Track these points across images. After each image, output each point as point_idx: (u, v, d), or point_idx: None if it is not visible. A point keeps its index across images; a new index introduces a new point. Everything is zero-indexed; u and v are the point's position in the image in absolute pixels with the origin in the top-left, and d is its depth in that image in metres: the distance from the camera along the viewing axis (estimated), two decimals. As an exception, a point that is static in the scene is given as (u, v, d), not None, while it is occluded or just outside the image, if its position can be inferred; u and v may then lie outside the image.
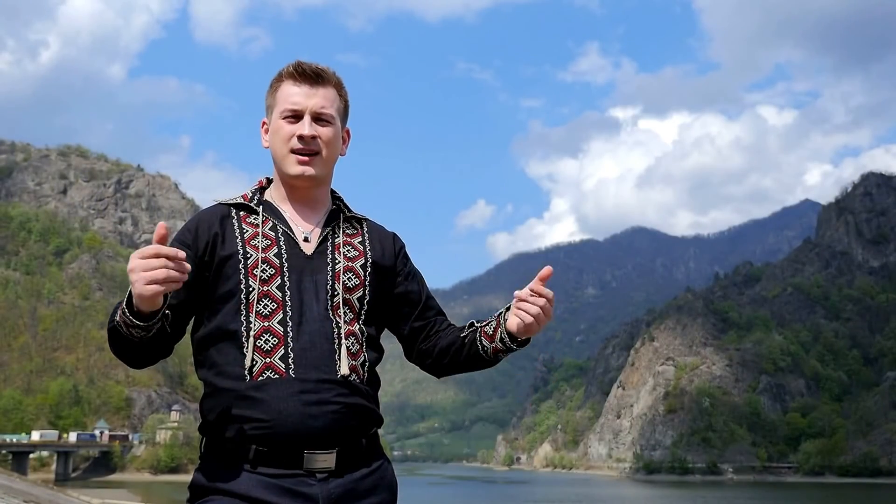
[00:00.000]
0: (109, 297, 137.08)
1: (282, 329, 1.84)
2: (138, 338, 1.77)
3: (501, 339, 1.93)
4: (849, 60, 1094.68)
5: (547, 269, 1.87)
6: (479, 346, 1.98)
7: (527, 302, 1.86)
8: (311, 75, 1.95)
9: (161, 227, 1.67)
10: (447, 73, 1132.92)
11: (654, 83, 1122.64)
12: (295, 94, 1.94)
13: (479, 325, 2.01)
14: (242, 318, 1.85)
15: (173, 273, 1.65)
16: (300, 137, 1.92)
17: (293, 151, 1.93)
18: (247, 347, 1.83)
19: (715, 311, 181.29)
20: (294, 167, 1.93)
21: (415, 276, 2.12)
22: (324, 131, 1.94)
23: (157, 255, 1.64)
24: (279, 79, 1.98)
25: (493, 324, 1.96)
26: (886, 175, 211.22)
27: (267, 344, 1.83)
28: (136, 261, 1.65)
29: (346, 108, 2.04)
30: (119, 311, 1.76)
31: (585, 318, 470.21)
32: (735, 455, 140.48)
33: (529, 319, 1.86)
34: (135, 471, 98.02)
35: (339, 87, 2.00)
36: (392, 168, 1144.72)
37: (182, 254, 1.67)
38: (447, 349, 2.03)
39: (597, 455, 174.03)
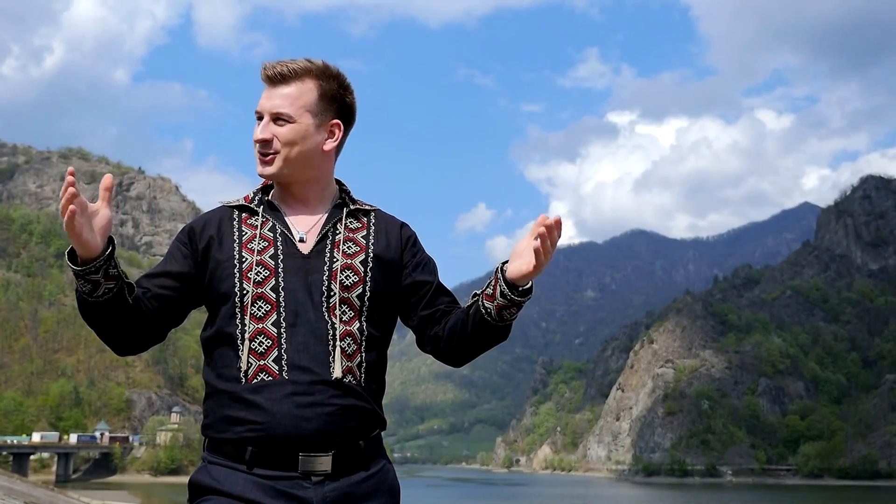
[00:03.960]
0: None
1: (275, 330, 1.83)
2: (89, 294, 1.76)
3: (502, 294, 1.82)
4: (845, 65, 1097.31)
5: (554, 218, 1.76)
6: (483, 311, 1.87)
7: (530, 246, 1.75)
8: (271, 77, 1.93)
9: (69, 170, 1.74)
10: (448, 78, 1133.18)
11: (652, 88, 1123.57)
12: (262, 97, 1.95)
13: (480, 291, 1.91)
14: (237, 320, 1.85)
15: (72, 193, 1.71)
16: (255, 141, 1.94)
17: (257, 152, 1.95)
18: (242, 350, 1.83)
19: (714, 313, 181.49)
20: (257, 167, 1.95)
21: (426, 265, 2.05)
22: (280, 131, 1.90)
23: (68, 185, 1.71)
24: None
25: (492, 282, 1.87)
26: (885, 178, 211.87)
27: (261, 346, 1.82)
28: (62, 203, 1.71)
29: (329, 100, 1.96)
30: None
31: (585, 320, 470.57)
32: (734, 457, 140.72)
33: (529, 260, 1.77)
34: (135, 472, 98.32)
35: (315, 79, 1.94)
36: (393, 171, 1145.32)
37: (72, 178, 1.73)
38: (455, 327, 1.95)
39: (596, 457, 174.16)
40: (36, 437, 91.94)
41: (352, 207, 2.02)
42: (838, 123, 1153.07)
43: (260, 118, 1.94)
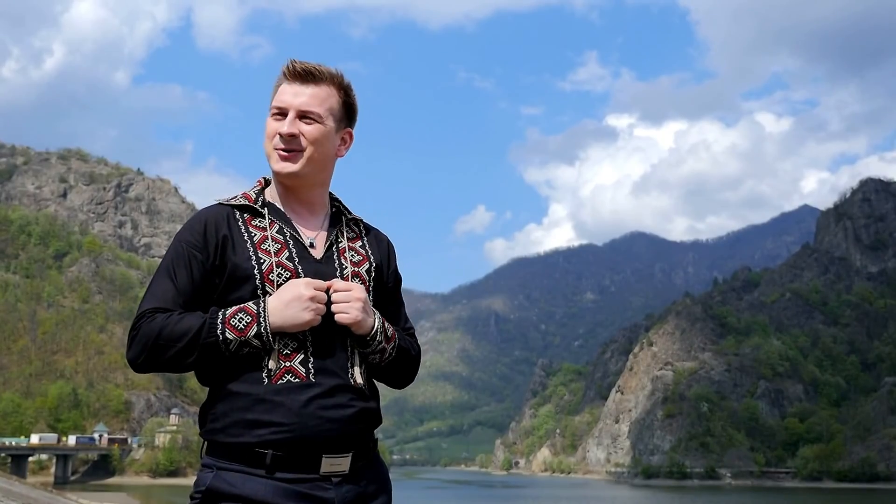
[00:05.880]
0: (109, 300, 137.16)
1: (301, 333, 1.84)
2: (234, 351, 1.82)
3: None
4: (844, 68, 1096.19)
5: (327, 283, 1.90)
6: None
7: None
8: (300, 74, 1.93)
9: (329, 285, 1.87)
10: (448, 81, 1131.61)
11: (651, 91, 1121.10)
12: (284, 93, 1.94)
13: None
14: None
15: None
16: (280, 135, 1.91)
17: (276, 149, 1.93)
18: (266, 350, 1.82)
19: (713, 316, 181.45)
20: (276, 163, 1.93)
21: (397, 287, 2.12)
22: (308, 129, 1.91)
23: (326, 290, 1.84)
24: (278, 78, 1.99)
25: None
26: (885, 181, 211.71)
27: (287, 348, 1.83)
28: (312, 290, 1.81)
29: (346, 108, 2.00)
30: (250, 331, 1.80)
31: (584, 322, 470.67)
32: (733, 460, 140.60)
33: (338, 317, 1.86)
34: (133, 474, 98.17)
35: (337, 87, 1.97)
36: (393, 173, 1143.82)
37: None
38: None
39: (595, 459, 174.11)
40: (34, 439, 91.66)
41: (349, 217, 2.06)
42: (837, 127, 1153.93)
43: (282, 113, 1.93)
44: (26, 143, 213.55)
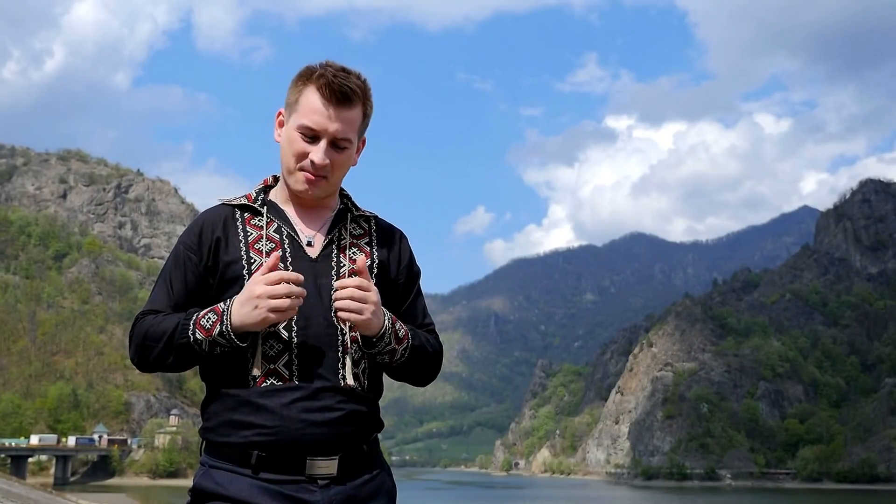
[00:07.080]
0: (108, 301, 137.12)
1: (287, 334, 1.82)
2: (207, 349, 1.80)
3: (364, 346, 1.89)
4: (842, 69, 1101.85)
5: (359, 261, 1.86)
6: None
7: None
8: (339, 97, 1.84)
9: (275, 256, 1.77)
10: (448, 82, 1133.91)
11: (650, 93, 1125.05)
12: (317, 113, 1.84)
13: None
14: None
15: (296, 301, 1.74)
16: (312, 162, 1.86)
17: (303, 170, 1.88)
18: (252, 353, 1.82)
19: (713, 317, 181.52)
20: (299, 185, 1.89)
21: (411, 283, 2.05)
22: (337, 158, 1.88)
23: (280, 281, 1.73)
24: (306, 81, 1.87)
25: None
26: (885, 182, 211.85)
27: (272, 350, 1.81)
28: (263, 287, 1.73)
29: (367, 118, 1.95)
30: (215, 330, 1.76)
31: (584, 323, 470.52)
32: (733, 461, 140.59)
33: (342, 316, 1.80)
34: (133, 475, 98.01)
35: (365, 101, 1.90)
36: (393, 174, 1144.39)
37: (301, 278, 1.76)
38: None
39: (595, 460, 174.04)
40: (34, 440, 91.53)
41: (356, 213, 2.02)
42: (836, 128, 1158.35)
43: (312, 136, 1.86)
44: (26, 144, 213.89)
